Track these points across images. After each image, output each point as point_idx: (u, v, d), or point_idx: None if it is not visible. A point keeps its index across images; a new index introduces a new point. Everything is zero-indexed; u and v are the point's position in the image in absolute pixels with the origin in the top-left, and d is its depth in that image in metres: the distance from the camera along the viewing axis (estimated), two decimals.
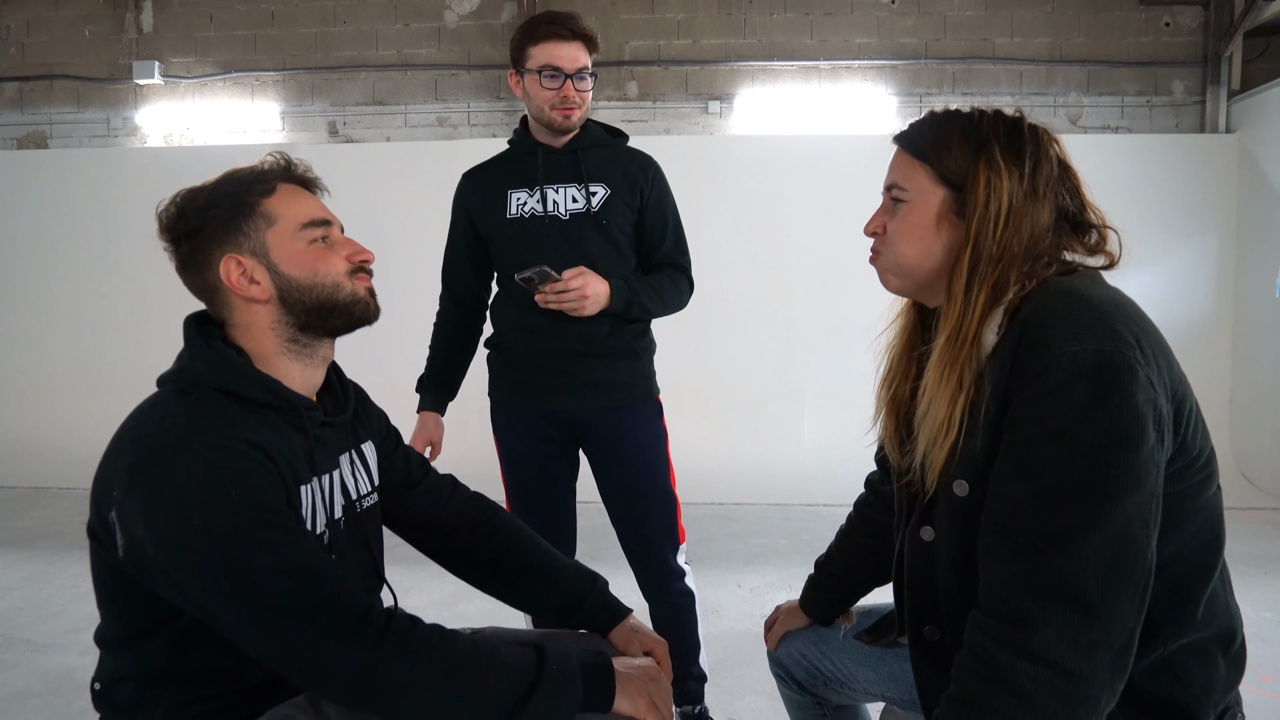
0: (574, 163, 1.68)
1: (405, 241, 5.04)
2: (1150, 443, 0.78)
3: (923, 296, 1.01)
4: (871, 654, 1.21)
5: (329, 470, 1.01)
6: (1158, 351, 0.82)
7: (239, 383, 0.94)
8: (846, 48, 5.04)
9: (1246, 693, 0.89)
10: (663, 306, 1.70)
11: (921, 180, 0.95)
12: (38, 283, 5.17)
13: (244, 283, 0.96)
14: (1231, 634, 0.90)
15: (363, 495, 1.08)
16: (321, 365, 1.04)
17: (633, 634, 1.13)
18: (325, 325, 1.00)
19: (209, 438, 0.86)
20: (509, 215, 1.68)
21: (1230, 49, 4.82)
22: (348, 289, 1.00)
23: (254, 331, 0.98)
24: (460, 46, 5.22)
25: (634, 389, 1.71)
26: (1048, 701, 0.76)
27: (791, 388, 4.77)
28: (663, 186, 1.75)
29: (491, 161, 1.79)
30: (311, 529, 0.96)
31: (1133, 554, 0.77)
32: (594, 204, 1.66)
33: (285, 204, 0.99)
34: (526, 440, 1.74)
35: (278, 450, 0.92)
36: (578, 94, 1.63)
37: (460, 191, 1.80)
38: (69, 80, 5.37)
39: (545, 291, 1.57)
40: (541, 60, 1.61)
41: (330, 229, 1.02)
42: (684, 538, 1.78)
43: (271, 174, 1.01)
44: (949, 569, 0.94)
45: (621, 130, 1.79)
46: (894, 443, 1.05)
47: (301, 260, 0.97)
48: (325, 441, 1.02)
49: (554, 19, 1.63)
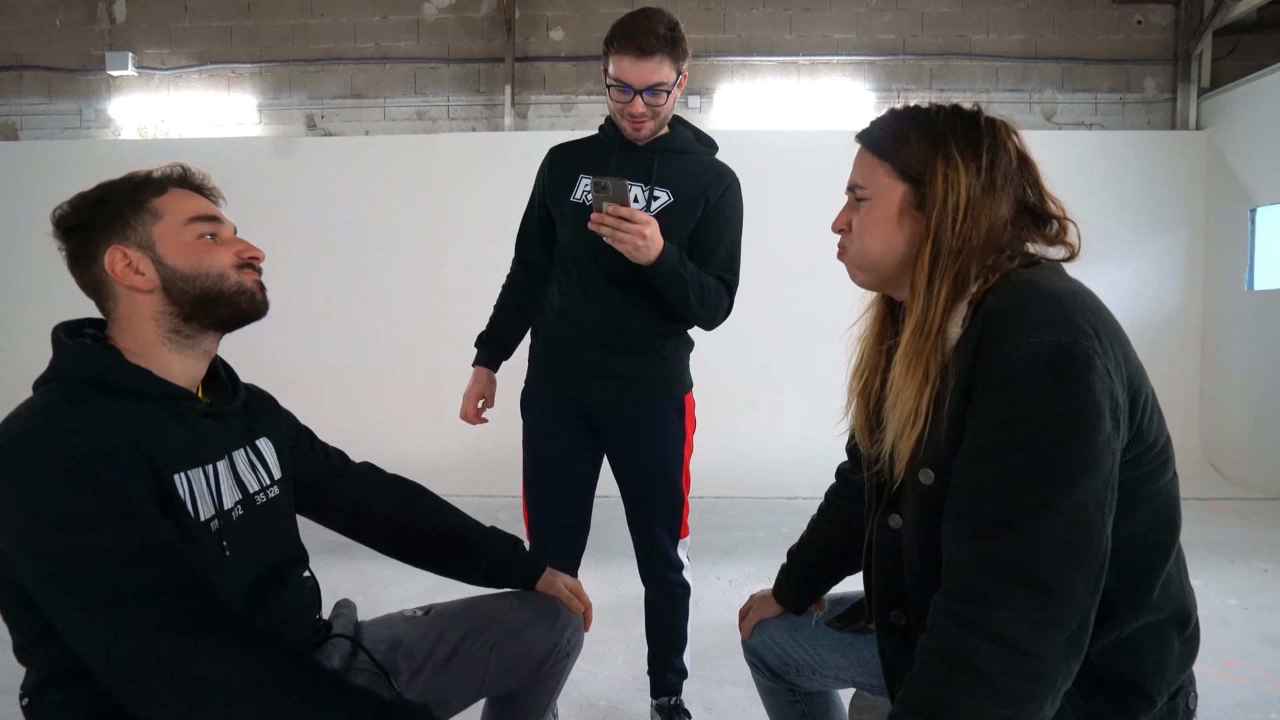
0: (648, 163, 1.67)
1: (385, 236, 5.02)
2: (1106, 430, 0.80)
3: (890, 290, 1.03)
4: (842, 641, 1.23)
5: (213, 460, 1.01)
6: (1115, 342, 0.85)
7: (109, 372, 0.95)
8: (825, 43, 5.07)
9: (1211, 677, 0.92)
10: (700, 303, 1.65)
11: (882, 177, 0.97)
12: (10, 277, 5.09)
13: (129, 273, 0.98)
14: (1186, 615, 0.92)
15: (263, 488, 1.09)
16: (204, 359, 1.05)
17: (554, 578, 1.34)
18: (210, 315, 1.01)
19: (64, 424, 0.86)
20: (573, 199, 1.69)
21: (1200, 47, 4.90)
22: (232, 279, 1.01)
23: (136, 323, 1.00)
24: (439, 40, 5.19)
25: (655, 387, 1.72)
26: (1006, 680, 0.79)
27: (770, 382, 4.81)
28: (731, 203, 1.72)
29: (579, 141, 1.78)
30: (195, 517, 0.95)
31: (1088, 537, 0.80)
32: (652, 208, 1.64)
33: (174, 202, 1.02)
34: (551, 423, 1.76)
35: (146, 437, 0.91)
36: (649, 108, 1.60)
37: (543, 164, 1.79)
38: (39, 71, 5.28)
39: (608, 210, 1.49)
40: (615, 73, 1.58)
41: (220, 226, 1.04)
42: (687, 533, 1.81)
43: (165, 179, 1.04)
44: (914, 555, 0.96)
45: (713, 141, 1.76)
46: (864, 433, 1.07)
47: (186, 252, 1.00)
48: (209, 432, 1.02)
49: (631, 32, 1.56)
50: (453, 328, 4.97)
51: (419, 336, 4.87)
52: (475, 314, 1.94)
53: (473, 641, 1.24)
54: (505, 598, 1.32)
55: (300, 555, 1.13)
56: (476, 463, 4.45)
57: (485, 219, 4.81)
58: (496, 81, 5.17)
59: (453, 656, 1.22)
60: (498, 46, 5.15)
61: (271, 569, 1.06)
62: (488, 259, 4.96)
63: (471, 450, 4.51)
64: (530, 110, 5.20)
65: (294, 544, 1.13)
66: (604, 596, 2.73)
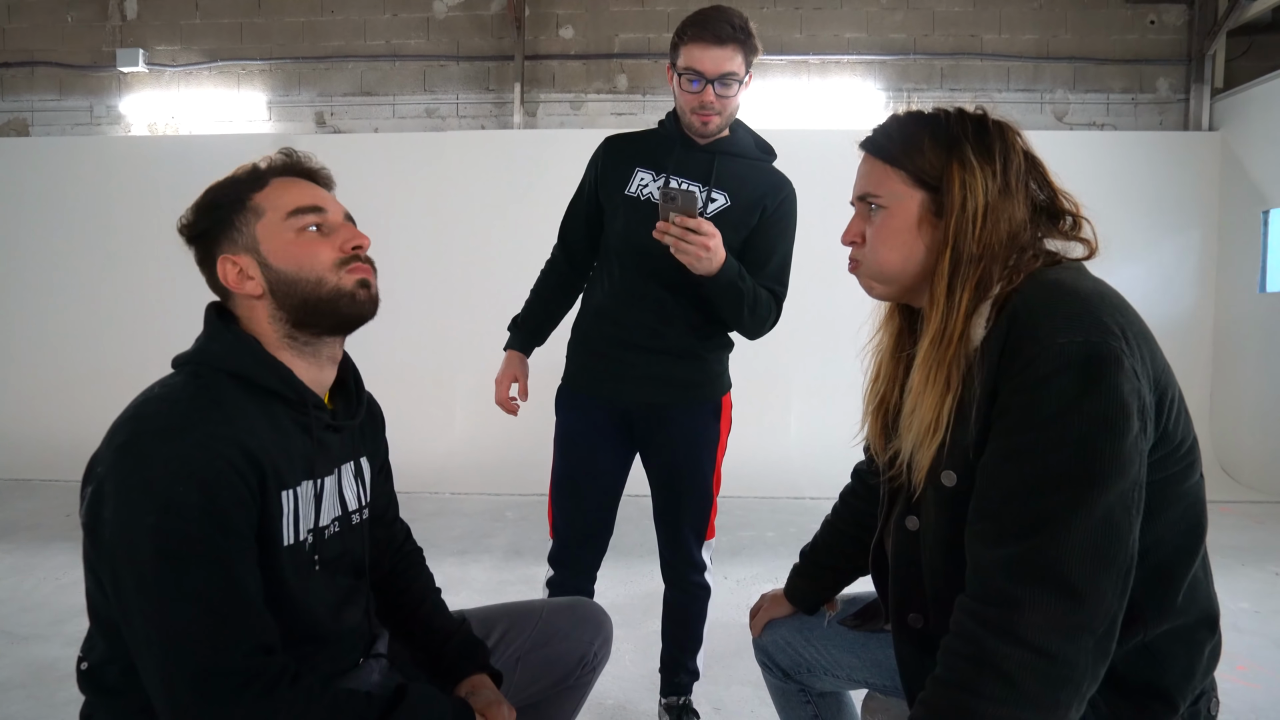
0: (708, 163, 1.64)
1: (393, 234, 5.02)
2: (1134, 431, 0.79)
3: (909, 299, 1.01)
4: (855, 640, 1.22)
5: (324, 475, 1.00)
6: (1142, 342, 0.84)
7: (253, 367, 0.94)
8: (836, 42, 5.05)
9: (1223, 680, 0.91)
10: (752, 315, 1.63)
11: (896, 185, 0.94)
12: (19, 273, 5.11)
13: (241, 280, 0.96)
14: (1212, 620, 0.91)
15: (360, 508, 1.07)
16: (329, 365, 1.02)
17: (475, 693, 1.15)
18: (318, 322, 0.97)
19: (198, 433, 0.86)
20: (627, 192, 1.66)
21: (1214, 47, 4.87)
22: (331, 283, 0.96)
23: (255, 326, 0.98)
24: (449, 37, 5.19)
25: (691, 389, 1.70)
26: (1031, 684, 0.77)
27: (779, 381, 4.79)
28: (787, 215, 1.70)
29: (637, 134, 1.75)
30: (294, 536, 0.95)
31: (1116, 539, 0.79)
32: (709, 211, 1.62)
33: (275, 195, 0.98)
34: (585, 422, 1.74)
35: (269, 452, 0.91)
36: (719, 100, 1.57)
37: (597, 152, 1.76)
38: (51, 67, 5.30)
39: (674, 220, 1.46)
40: (686, 62, 1.55)
41: (324, 215, 0.99)
42: (713, 534, 1.80)
43: (268, 170, 1.00)
44: (935, 557, 0.95)
45: (772, 148, 1.74)
46: (879, 443, 1.06)
47: (289, 252, 0.96)
48: (327, 445, 1.01)
49: (706, 20, 1.55)
50: (461, 326, 4.98)
51: (427, 334, 4.87)
52: (483, 312, 1.93)
53: (501, 651, 1.23)
54: (536, 608, 1.30)
55: (364, 570, 1.11)
56: (484, 461, 4.45)
57: (494, 217, 4.81)
58: (506, 79, 5.16)
59: None
60: (507, 44, 5.14)
61: (351, 587, 1.06)
62: (496, 257, 4.99)
63: (480, 449, 4.51)
64: (539, 109, 5.19)
65: (365, 563, 1.11)
66: (615, 595, 2.72)
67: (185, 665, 0.82)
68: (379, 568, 1.18)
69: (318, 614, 0.98)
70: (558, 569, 1.78)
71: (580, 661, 1.26)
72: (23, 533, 3.46)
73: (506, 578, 2.97)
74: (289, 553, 0.94)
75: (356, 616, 1.06)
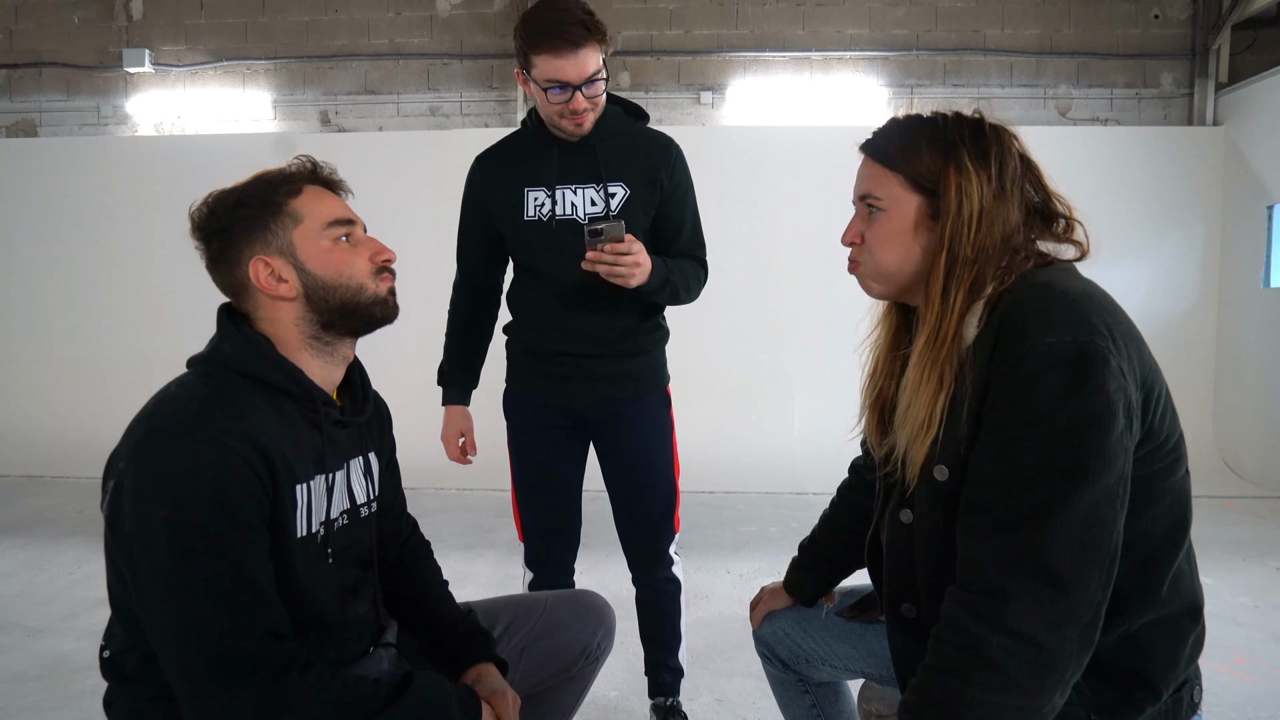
0: (591, 159, 1.59)
1: (397, 232, 5.04)
2: (1120, 428, 0.82)
3: (905, 298, 1.04)
4: (852, 631, 1.25)
5: (334, 470, 1.04)
6: (1129, 341, 0.86)
7: (263, 367, 0.98)
8: (838, 38, 5.06)
9: (1222, 674, 0.93)
10: (686, 293, 1.66)
11: (895, 189, 0.97)
12: (28, 272, 5.16)
13: (272, 282, 1.00)
14: (1196, 611, 0.93)
15: (368, 501, 1.12)
16: (341, 364, 1.08)
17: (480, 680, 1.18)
18: (347, 325, 1.03)
19: (211, 428, 0.90)
20: (526, 217, 1.61)
21: (1218, 42, 4.86)
22: (370, 290, 1.03)
23: (276, 327, 1.02)
24: (453, 36, 5.21)
25: (642, 381, 1.71)
26: (1018, 671, 0.80)
27: (782, 377, 4.81)
28: (682, 174, 1.67)
29: (505, 148, 1.68)
30: (306, 528, 0.99)
31: (1101, 532, 0.81)
32: (613, 206, 1.59)
33: (311, 204, 1.02)
34: (535, 420, 1.73)
35: (281, 447, 0.95)
36: (589, 100, 1.51)
37: (474, 179, 1.70)
38: (58, 68, 5.34)
39: (603, 250, 1.46)
40: (546, 74, 1.47)
41: (353, 228, 1.05)
42: (679, 528, 1.80)
43: (299, 175, 1.04)
44: (927, 549, 0.97)
45: (641, 109, 1.68)
46: (876, 438, 1.09)
47: (327, 259, 1.01)
48: (336, 441, 1.05)
49: (552, 26, 1.45)
50: None
51: (432, 331, 4.90)
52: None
53: (506, 642, 1.26)
54: (540, 599, 1.35)
55: (372, 562, 1.15)
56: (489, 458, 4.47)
57: None
58: (509, 77, 5.18)
59: None
60: (510, 42, 5.15)
61: (358, 578, 1.10)
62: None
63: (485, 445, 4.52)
64: None
65: (373, 555, 1.15)
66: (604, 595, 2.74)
67: (200, 651, 0.86)
68: (386, 560, 1.22)
69: (325, 604, 1.01)
70: (536, 570, 1.78)
71: (583, 652, 1.30)
72: (35, 528, 3.51)
73: (511, 572, 2.99)
74: (301, 544, 0.98)
75: (363, 607, 1.10)
